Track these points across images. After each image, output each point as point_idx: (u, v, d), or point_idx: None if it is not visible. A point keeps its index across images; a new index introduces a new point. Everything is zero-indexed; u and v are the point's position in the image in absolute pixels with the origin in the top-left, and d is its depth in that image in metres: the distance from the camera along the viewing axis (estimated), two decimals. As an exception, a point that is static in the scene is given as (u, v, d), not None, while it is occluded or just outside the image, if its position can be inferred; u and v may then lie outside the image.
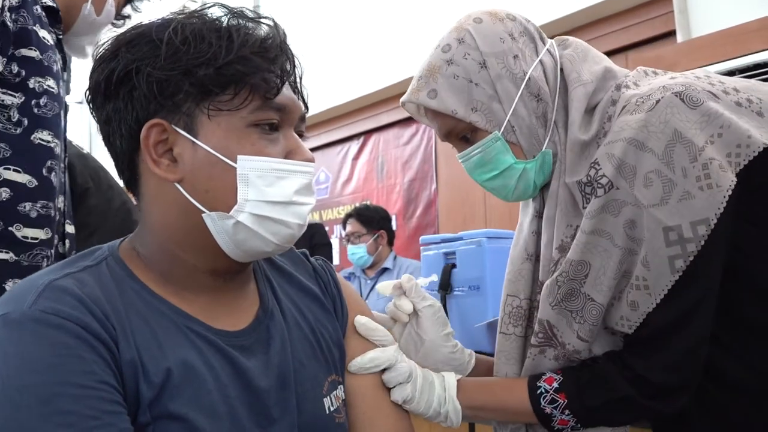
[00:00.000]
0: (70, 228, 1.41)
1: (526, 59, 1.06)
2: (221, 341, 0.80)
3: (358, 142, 5.02)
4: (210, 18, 0.80)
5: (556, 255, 1.03)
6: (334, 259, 4.92)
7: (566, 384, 0.99)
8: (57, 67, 1.29)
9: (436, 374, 1.07)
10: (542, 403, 0.99)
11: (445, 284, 1.84)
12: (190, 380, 0.75)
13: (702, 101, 0.92)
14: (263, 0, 5.25)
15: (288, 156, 0.82)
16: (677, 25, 2.93)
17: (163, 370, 0.74)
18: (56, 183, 1.28)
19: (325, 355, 0.92)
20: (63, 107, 1.32)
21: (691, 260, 0.89)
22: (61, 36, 1.38)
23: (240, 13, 0.80)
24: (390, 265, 3.67)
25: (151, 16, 0.82)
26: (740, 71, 2.15)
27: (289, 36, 0.84)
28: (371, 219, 3.66)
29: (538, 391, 1.00)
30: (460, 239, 1.88)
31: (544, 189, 1.10)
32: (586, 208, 0.98)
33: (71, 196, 1.74)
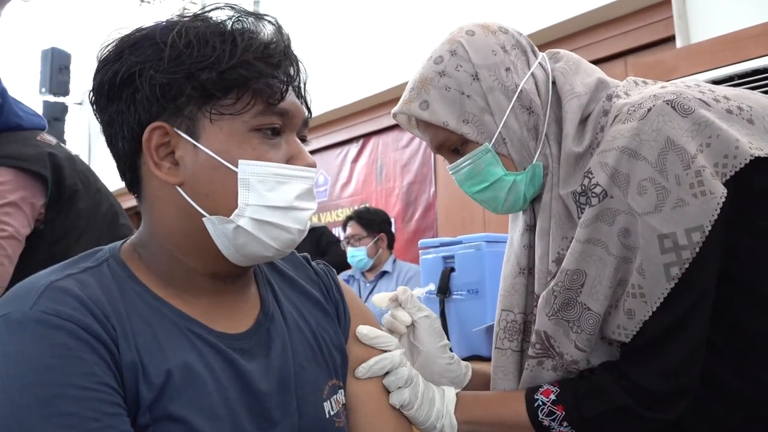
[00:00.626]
0: None
1: (518, 72, 1.06)
2: (222, 344, 0.80)
3: (357, 145, 5.03)
4: (215, 21, 0.80)
5: (553, 268, 1.03)
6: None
7: (563, 396, 0.99)
8: None
9: (437, 387, 1.07)
10: (540, 416, 0.99)
11: (444, 288, 1.84)
12: (191, 382, 0.75)
13: (693, 109, 0.92)
14: (263, 2, 5.26)
15: (290, 161, 0.82)
16: (677, 30, 2.94)
17: (164, 372, 0.74)
18: None
19: (326, 359, 0.92)
20: None
21: (687, 267, 0.89)
22: None
23: (244, 16, 0.80)
24: (389, 269, 3.67)
25: (157, 19, 0.83)
26: (739, 77, 2.16)
27: (291, 39, 0.84)
28: (371, 222, 3.66)
29: (536, 404, 1.00)
30: (459, 243, 1.88)
31: (535, 202, 1.10)
32: (581, 218, 0.98)
33: (59, 198, 1.75)
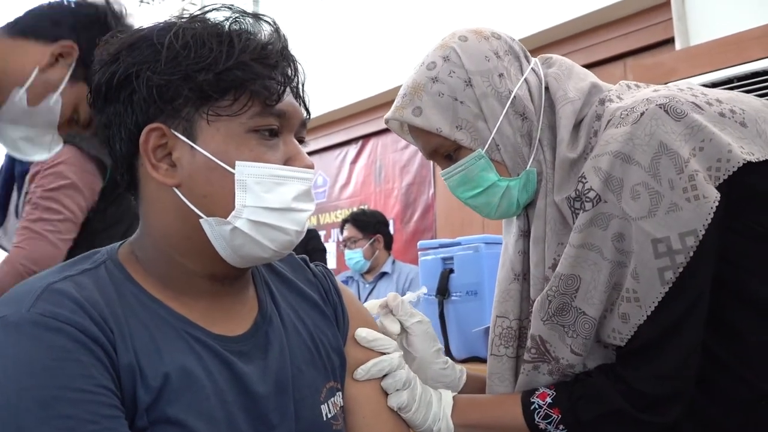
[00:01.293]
0: None
1: (512, 78, 1.06)
2: (220, 346, 0.80)
3: (357, 146, 5.03)
4: (212, 23, 0.80)
5: (549, 274, 1.02)
6: (332, 264, 4.92)
7: (559, 399, 0.99)
8: None
9: (434, 391, 1.07)
10: (536, 419, 0.99)
11: (443, 289, 1.84)
12: (189, 385, 0.75)
13: (686, 113, 0.92)
14: (262, 2, 5.26)
15: (287, 162, 0.82)
16: (676, 33, 2.94)
17: (161, 375, 0.73)
18: None
19: (324, 362, 0.92)
20: None
21: (681, 272, 0.89)
22: None
23: (242, 17, 0.80)
24: (389, 270, 3.67)
25: (157, 20, 0.82)
26: (739, 79, 2.16)
27: (288, 40, 0.84)
28: (367, 223, 3.67)
29: (532, 407, 1.00)
30: (458, 244, 1.88)
31: (529, 208, 1.10)
32: (575, 223, 0.97)
33: (114, 188, 1.72)
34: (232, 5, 0.82)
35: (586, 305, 0.96)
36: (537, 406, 0.99)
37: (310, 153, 0.85)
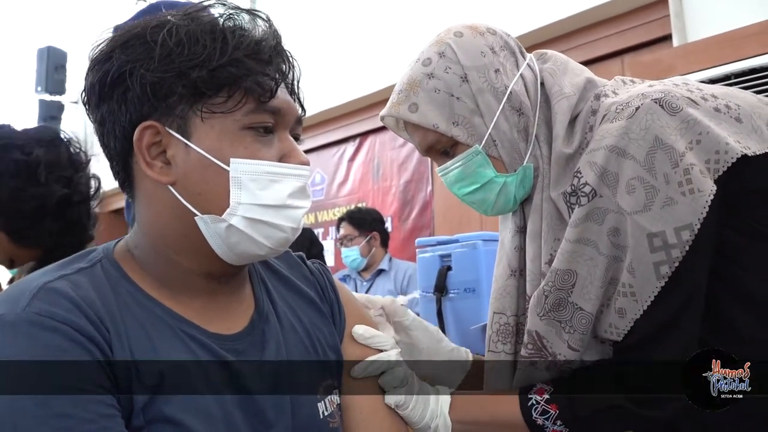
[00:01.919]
0: None
1: (507, 73, 1.06)
2: (216, 345, 0.80)
3: (354, 144, 5.02)
4: (205, 19, 0.79)
5: (546, 269, 1.03)
6: (330, 261, 4.92)
7: (557, 394, 0.99)
8: None
9: (432, 388, 1.06)
10: (534, 415, 0.99)
11: (441, 286, 1.84)
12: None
13: (681, 107, 0.92)
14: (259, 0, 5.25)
15: (282, 159, 0.81)
16: (673, 29, 2.94)
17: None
18: None
19: (320, 359, 0.92)
20: None
21: (677, 266, 0.89)
22: None
23: (235, 14, 0.80)
24: (386, 267, 3.67)
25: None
26: (736, 76, 2.16)
27: (285, 37, 0.83)
28: (363, 221, 3.67)
29: (530, 403, 1.00)
30: (456, 242, 1.89)
31: (525, 203, 1.10)
32: (571, 218, 0.98)
33: None
34: (226, 2, 0.82)
35: (583, 300, 0.96)
36: (535, 402, 0.99)
37: (308, 151, 0.85)
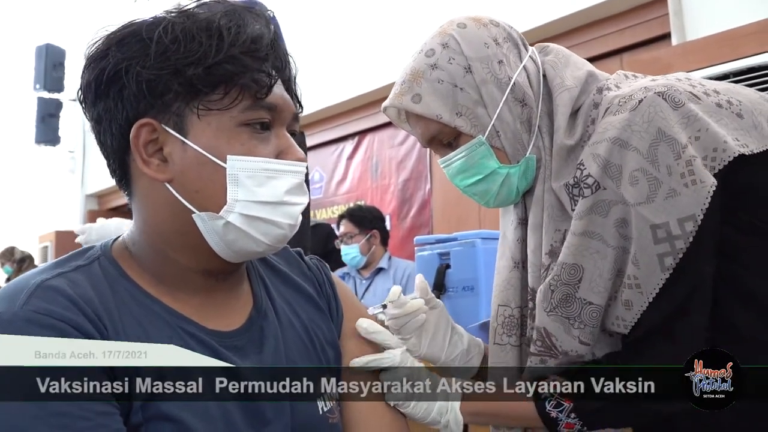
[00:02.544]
0: None
1: (511, 64, 1.06)
2: (214, 342, 0.80)
3: (353, 142, 5.02)
4: (201, 16, 0.79)
5: (546, 260, 1.03)
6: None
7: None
8: None
9: (444, 381, 1.06)
10: (548, 407, 0.99)
11: (439, 285, 1.84)
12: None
13: (683, 102, 0.93)
14: (259, -1, 5.23)
15: (279, 156, 0.81)
16: (672, 28, 2.94)
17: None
18: None
19: (319, 355, 0.92)
20: None
21: (681, 257, 0.90)
22: None
23: (232, 11, 0.80)
24: (385, 265, 3.66)
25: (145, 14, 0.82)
26: (735, 74, 2.16)
27: (284, 35, 0.83)
28: (363, 219, 3.66)
29: (543, 396, 0.99)
30: (455, 240, 1.89)
31: (526, 195, 1.10)
32: (575, 210, 0.98)
33: None
34: (227, 1, 0.81)
35: (592, 294, 0.96)
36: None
37: (306, 148, 0.85)
